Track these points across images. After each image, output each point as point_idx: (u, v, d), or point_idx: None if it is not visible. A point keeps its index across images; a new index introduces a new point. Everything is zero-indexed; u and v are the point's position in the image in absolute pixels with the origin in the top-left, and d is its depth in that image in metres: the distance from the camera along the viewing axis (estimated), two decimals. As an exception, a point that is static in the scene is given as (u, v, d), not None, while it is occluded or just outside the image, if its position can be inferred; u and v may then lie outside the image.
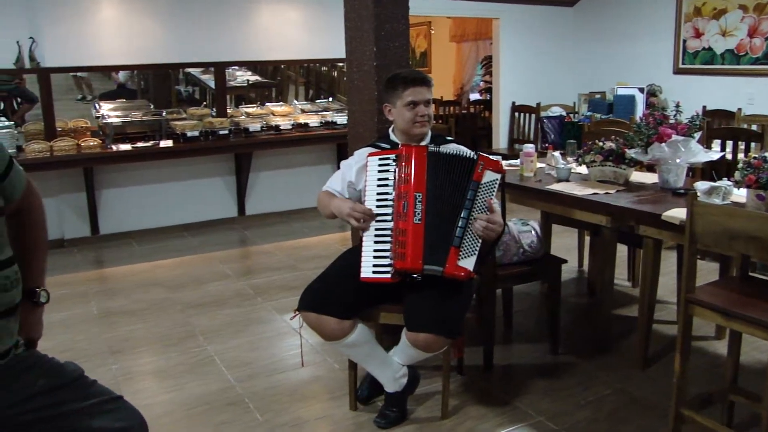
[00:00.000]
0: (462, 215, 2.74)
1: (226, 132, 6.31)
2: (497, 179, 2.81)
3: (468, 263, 2.73)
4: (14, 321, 1.72)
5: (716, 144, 5.16)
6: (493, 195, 2.79)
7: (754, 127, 5.67)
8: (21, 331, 1.81)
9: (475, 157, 2.79)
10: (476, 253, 2.75)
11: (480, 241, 2.75)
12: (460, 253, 2.72)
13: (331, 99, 7.60)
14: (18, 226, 1.90)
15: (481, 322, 3.45)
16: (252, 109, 6.96)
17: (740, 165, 3.02)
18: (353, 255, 2.96)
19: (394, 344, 2.99)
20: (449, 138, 3.15)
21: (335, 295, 2.86)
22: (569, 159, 4.31)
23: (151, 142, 6.04)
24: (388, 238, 2.76)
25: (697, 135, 3.60)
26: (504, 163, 3.53)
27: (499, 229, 2.80)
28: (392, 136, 3.06)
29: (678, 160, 3.54)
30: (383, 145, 3.01)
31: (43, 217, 1.96)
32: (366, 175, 2.87)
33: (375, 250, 2.78)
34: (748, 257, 2.90)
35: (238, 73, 7.42)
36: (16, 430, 1.67)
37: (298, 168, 7.09)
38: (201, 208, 6.68)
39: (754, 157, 2.99)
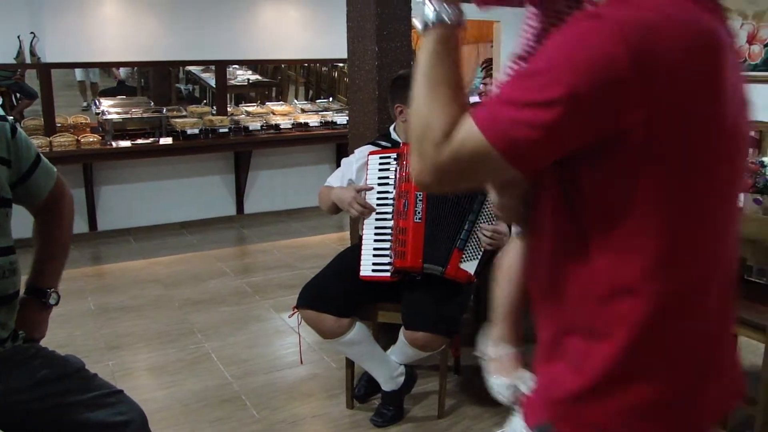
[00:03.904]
0: (469, 218, 2.74)
1: (226, 130, 6.31)
2: None
3: (470, 267, 2.74)
4: (6, 312, 1.72)
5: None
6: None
7: (751, 134, 5.70)
8: (25, 329, 1.82)
9: None
10: (479, 257, 2.76)
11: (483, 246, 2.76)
12: (463, 256, 2.73)
13: (331, 99, 7.61)
14: (42, 223, 1.91)
15: (479, 322, 3.46)
16: (252, 108, 6.97)
17: (738, 169, 3.03)
18: (352, 253, 2.97)
19: (392, 343, 3.00)
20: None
21: (334, 293, 2.87)
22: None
23: (151, 139, 6.04)
24: (388, 237, 2.77)
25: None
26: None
27: (506, 240, 2.81)
28: (393, 135, 3.08)
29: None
30: (384, 143, 3.03)
31: (69, 221, 1.97)
32: (366, 173, 2.89)
33: (375, 249, 2.79)
34: (744, 261, 2.92)
35: (239, 72, 7.43)
36: (20, 418, 1.67)
37: (297, 167, 7.10)
38: (200, 205, 6.68)
39: (752, 162, 3.01)
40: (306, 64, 7.66)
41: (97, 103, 6.38)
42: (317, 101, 7.53)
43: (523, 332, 1.43)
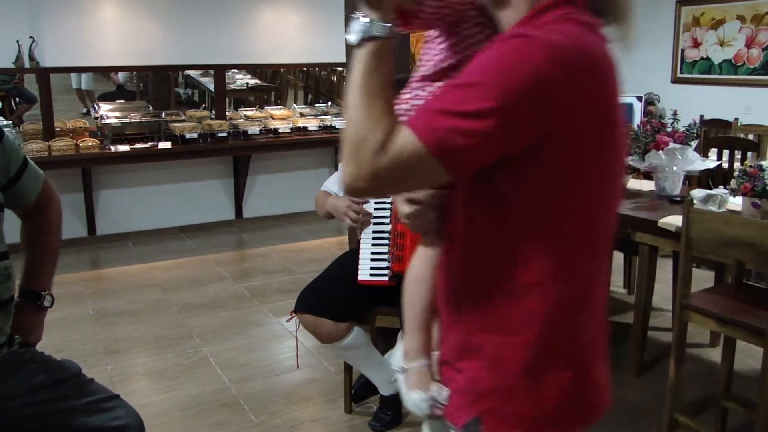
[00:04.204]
0: None
1: (225, 134, 6.30)
2: None
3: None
4: (2, 317, 1.72)
5: (713, 153, 5.18)
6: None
7: (750, 137, 5.70)
8: (20, 333, 1.81)
9: None
10: None
11: None
12: None
13: (329, 103, 7.61)
14: (32, 227, 1.91)
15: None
16: (251, 112, 6.97)
17: (736, 173, 3.04)
18: (350, 258, 2.97)
19: (390, 347, 3.00)
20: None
21: (332, 298, 2.86)
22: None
23: (150, 143, 6.04)
24: (386, 241, 2.77)
25: (694, 143, 3.62)
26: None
27: None
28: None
29: (675, 168, 3.56)
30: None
31: (57, 225, 1.97)
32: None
33: (373, 253, 2.79)
34: (743, 264, 2.92)
35: (238, 76, 7.43)
36: (15, 423, 1.67)
37: (295, 171, 7.10)
38: (198, 210, 6.68)
39: (750, 166, 3.01)
40: (305, 68, 7.66)
41: (96, 107, 6.38)
42: (316, 105, 7.52)
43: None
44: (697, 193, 3.23)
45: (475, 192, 1.17)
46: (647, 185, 3.88)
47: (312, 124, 6.78)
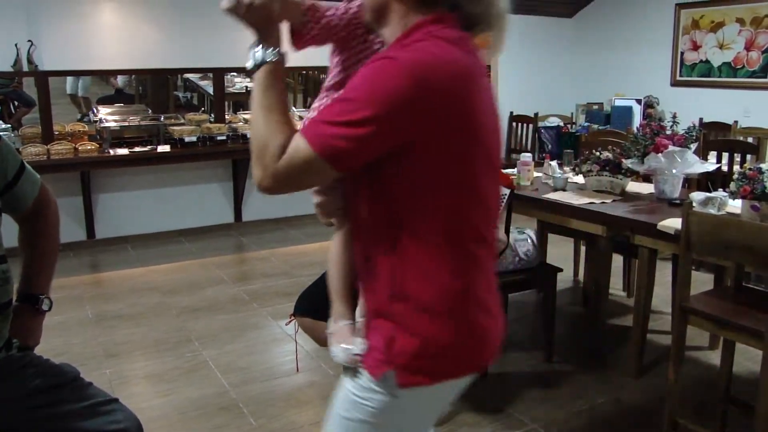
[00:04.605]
0: None
1: (224, 138, 6.31)
2: (506, 194, 2.82)
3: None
4: (0, 321, 1.72)
5: (712, 156, 5.19)
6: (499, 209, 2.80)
7: (749, 140, 5.71)
8: (19, 336, 1.81)
9: None
10: None
11: None
12: None
13: (329, 106, 7.59)
14: (30, 230, 1.91)
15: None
16: (250, 116, 6.94)
17: (735, 176, 3.03)
18: (349, 261, 2.96)
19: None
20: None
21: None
22: (566, 168, 4.33)
23: (149, 146, 6.04)
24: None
25: (693, 146, 3.62)
26: (501, 171, 3.54)
27: (502, 246, 2.81)
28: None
29: (674, 171, 3.56)
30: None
31: (55, 228, 1.97)
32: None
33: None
34: (742, 267, 2.92)
35: (237, 79, 7.43)
36: (13, 427, 1.67)
37: (295, 175, 7.07)
38: (198, 213, 6.67)
39: (749, 169, 3.01)
40: (303, 72, 7.66)
41: (95, 111, 6.37)
42: (315, 108, 7.50)
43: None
44: (697, 196, 3.23)
45: (366, 182, 1.41)
46: (646, 188, 3.89)
47: (311, 128, 6.76)
